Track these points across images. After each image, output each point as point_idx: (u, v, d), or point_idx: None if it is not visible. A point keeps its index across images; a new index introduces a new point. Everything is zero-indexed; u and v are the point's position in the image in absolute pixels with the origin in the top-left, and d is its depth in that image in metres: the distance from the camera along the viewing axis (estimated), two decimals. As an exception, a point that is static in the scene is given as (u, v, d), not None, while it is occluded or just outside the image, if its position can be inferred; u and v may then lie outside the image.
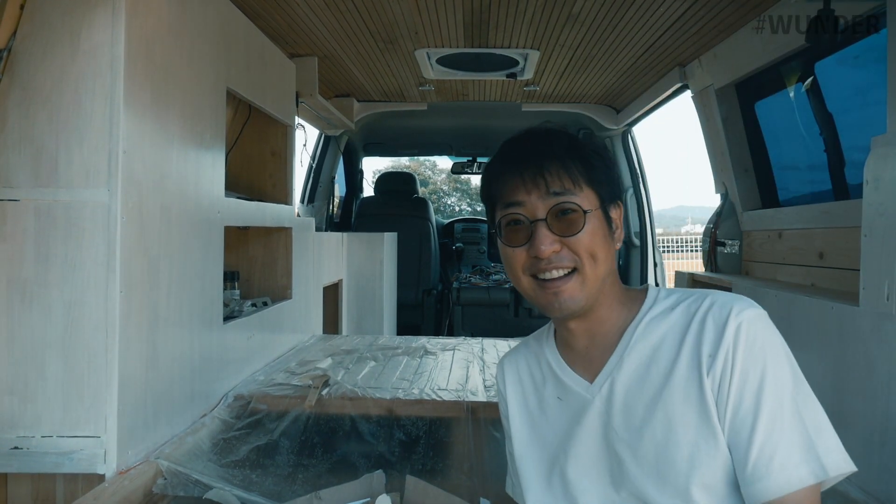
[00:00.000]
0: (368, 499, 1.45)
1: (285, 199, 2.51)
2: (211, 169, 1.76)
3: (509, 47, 2.61)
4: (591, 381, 0.91)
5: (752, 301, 0.84)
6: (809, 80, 2.14)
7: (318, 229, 3.04)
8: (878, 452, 1.31)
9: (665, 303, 0.90)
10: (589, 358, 0.92)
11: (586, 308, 0.88)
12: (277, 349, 2.37)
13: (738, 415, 0.78)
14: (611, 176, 0.90)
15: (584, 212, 0.85)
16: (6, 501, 1.35)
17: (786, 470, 0.75)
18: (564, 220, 0.85)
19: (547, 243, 0.84)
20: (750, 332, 0.80)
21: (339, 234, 3.45)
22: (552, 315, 0.91)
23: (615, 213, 0.91)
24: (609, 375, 0.89)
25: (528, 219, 0.86)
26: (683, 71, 2.76)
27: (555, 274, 0.85)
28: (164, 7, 1.48)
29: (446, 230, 5.97)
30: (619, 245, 0.92)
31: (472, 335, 3.15)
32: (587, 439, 0.89)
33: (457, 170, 5.37)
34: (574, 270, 0.86)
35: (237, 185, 2.47)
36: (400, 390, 1.90)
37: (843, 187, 2.07)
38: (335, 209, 4.71)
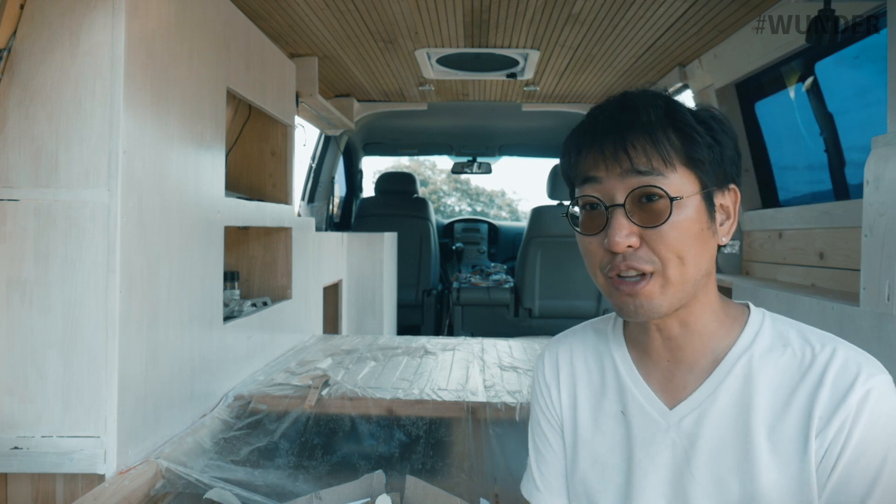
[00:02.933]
0: (368, 499, 1.45)
1: (285, 199, 2.51)
2: (211, 169, 1.76)
3: (509, 47, 2.61)
4: (671, 405, 0.76)
5: (880, 364, 0.70)
6: (809, 80, 2.14)
7: (318, 229, 3.04)
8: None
9: (773, 335, 0.75)
10: (669, 375, 0.78)
11: (670, 313, 0.73)
12: (277, 349, 2.37)
13: (841, 495, 0.67)
14: (720, 153, 0.72)
15: (671, 199, 0.69)
16: (6, 501, 1.35)
17: None
18: (646, 209, 0.70)
19: (622, 234, 0.69)
20: (878, 404, 0.67)
21: (339, 234, 3.45)
22: (627, 319, 0.76)
23: (726, 200, 0.75)
24: (697, 408, 0.74)
25: (604, 202, 0.72)
26: (683, 71, 2.76)
27: (631, 274, 0.71)
28: (164, 7, 1.48)
29: (446, 230, 5.97)
30: (725, 240, 0.75)
31: (472, 335, 3.14)
32: (656, 475, 0.76)
33: (457, 170, 5.37)
34: (651, 274, 0.70)
35: (237, 185, 2.47)
36: (400, 390, 1.90)
37: (843, 187, 2.07)
38: (335, 209, 4.71)
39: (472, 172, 5.33)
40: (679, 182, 0.70)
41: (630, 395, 0.79)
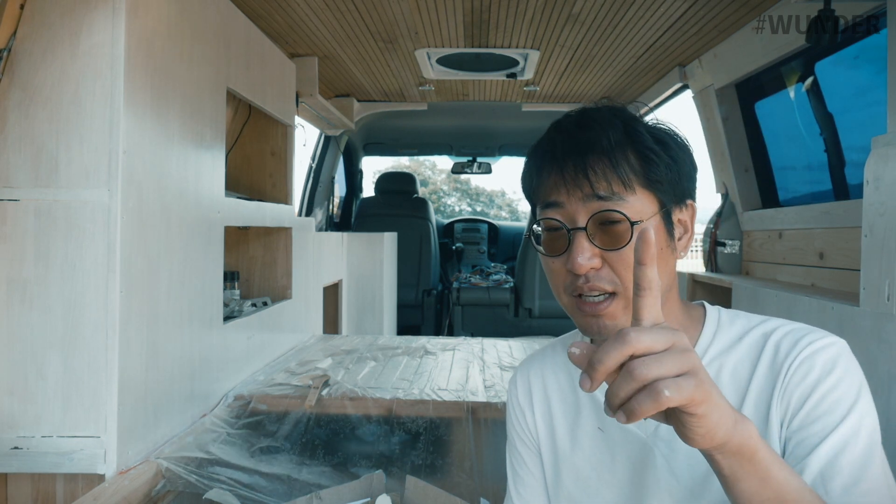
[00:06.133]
0: (368, 499, 1.45)
1: (285, 199, 2.51)
2: (211, 169, 1.76)
3: (509, 47, 2.61)
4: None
5: (831, 333, 0.72)
6: (809, 80, 2.14)
7: (318, 229, 3.04)
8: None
9: (730, 331, 0.77)
10: None
11: None
12: (277, 349, 2.37)
13: (801, 444, 0.67)
14: (678, 171, 0.74)
15: (632, 223, 0.70)
16: (6, 501, 1.35)
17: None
18: (608, 231, 0.71)
19: (585, 257, 0.70)
20: (828, 361, 0.69)
21: (339, 234, 3.45)
22: (591, 338, 0.77)
23: (684, 215, 0.76)
24: None
25: (566, 225, 0.72)
26: (683, 71, 2.76)
27: (594, 294, 0.71)
28: (163, 7, 1.48)
29: (446, 230, 5.97)
30: (683, 254, 0.76)
31: (472, 335, 3.15)
32: (642, 485, 0.76)
33: (457, 170, 5.37)
34: (614, 294, 0.71)
35: (237, 185, 2.47)
36: (400, 390, 1.90)
37: (843, 187, 2.07)
38: (335, 209, 4.72)
39: (472, 172, 5.33)
40: (639, 204, 0.71)
41: (605, 411, 0.80)
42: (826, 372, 0.68)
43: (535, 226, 0.76)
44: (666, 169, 0.72)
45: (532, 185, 0.77)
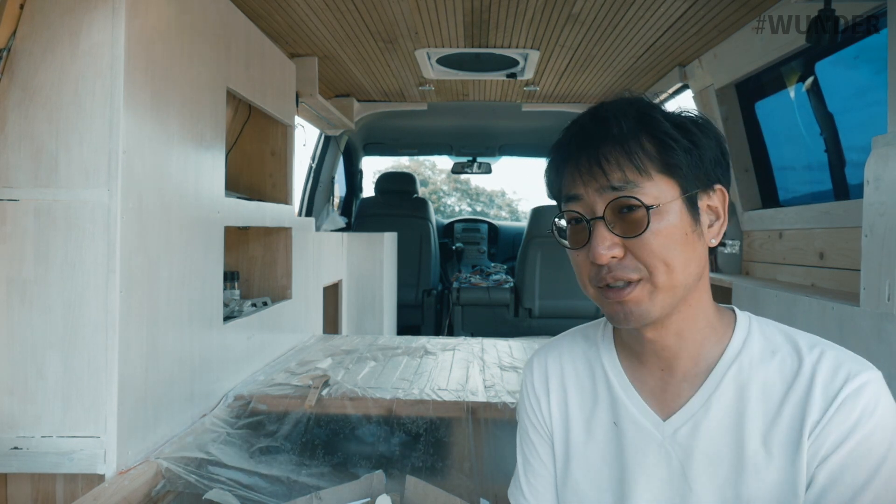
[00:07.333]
0: (368, 499, 1.45)
1: (285, 199, 2.51)
2: (211, 169, 1.76)
3: (509, 47, 2.61)
4: (664, 416, 0.76)
5: (868, 362, 0.70)
6: (809, 80, 2.14)
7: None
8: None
9: (762, 341, 0.75)
10: (662, 385, 0.77)
11: (661, 318, 0.73)
12: (277, 349, 2.37)
13: (831, 492, 0.67)
14: (699, 155, 0.72)
15: (647, 208, 0.69)
16: (6, 501, 1.35)
17: None
18: (626, 219, 0.70)
19: (605, 246, 0.70)
20: (869, 402, 0.67)
21: (340, 234, 3.45)
22: (619, 326, 0.76)
23: (713, 201, 0.74)
24: (691, 419, 0.74)
25: (586, 216, 0.72)
26: (683, 71, 2.76)
27: (619, 284, 0.71)
28: (163, 7, 1.48)
29: (446, 230, 5.97)
30: (715, 242, 0.74)
31: (472, 335, 3.14)
32: (652, 486, 0.75)
33: (457, 170, 5.37)
34: (638, 280, 0.70)
35: (237, 185, 2.47)
36: (400, 390, 1.89)
37: (843, 187, 2.07)
38: (335, 209, 4.72)
39: (472, 172, 5.33)
40: (656, 190, 0.70)
41: (622, 406, 0.79)
42: (867, 415, 0.67)
43: (558, 220, 0.76)
44: (685, 153, 0.71)
45: (550, 181, 0.78)
